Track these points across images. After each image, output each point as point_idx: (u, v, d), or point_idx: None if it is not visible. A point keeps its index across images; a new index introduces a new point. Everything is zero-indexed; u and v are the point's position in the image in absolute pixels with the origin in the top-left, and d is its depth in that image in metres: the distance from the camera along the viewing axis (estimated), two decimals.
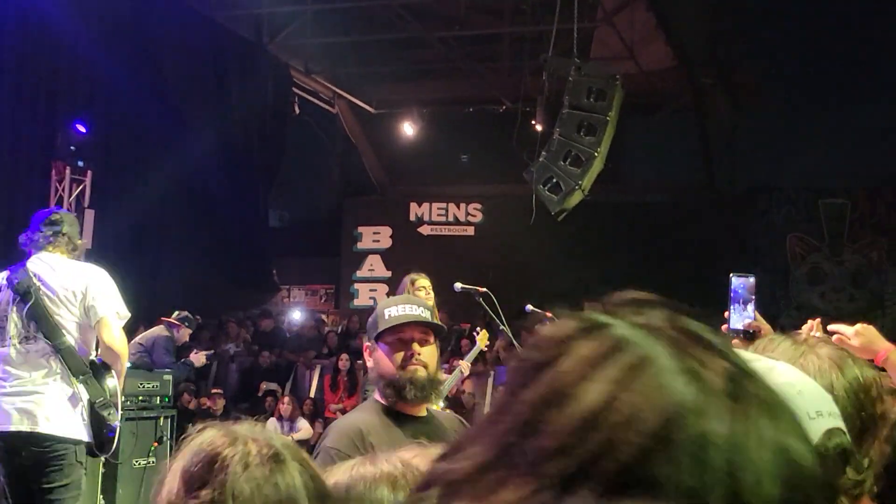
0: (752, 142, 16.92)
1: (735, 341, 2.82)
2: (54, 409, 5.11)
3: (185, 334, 10.96)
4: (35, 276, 5.25)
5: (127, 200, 12.77)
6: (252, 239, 15.76)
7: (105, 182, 12.45)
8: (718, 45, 15.56)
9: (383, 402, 3.33)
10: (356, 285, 18.67)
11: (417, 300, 3.52)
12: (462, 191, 18.06)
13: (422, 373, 3.27)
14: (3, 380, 5.13)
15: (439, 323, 3.46)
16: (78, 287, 5.33)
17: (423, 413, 3.37)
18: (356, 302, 18.43)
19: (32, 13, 11.40)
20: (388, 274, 17.42)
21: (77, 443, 5.21)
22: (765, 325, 2.93)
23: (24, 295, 5.14)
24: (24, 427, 5.08)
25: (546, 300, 7.47)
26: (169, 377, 9.53)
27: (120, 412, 5.38)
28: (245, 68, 14.91)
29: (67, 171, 11.78)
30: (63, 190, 11.84)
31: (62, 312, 5.24)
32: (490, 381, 12.78)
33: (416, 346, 3.30)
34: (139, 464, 8.87)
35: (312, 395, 13.96)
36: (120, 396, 5.42)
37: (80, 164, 11.79)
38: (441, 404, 5.34)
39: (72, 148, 11.66)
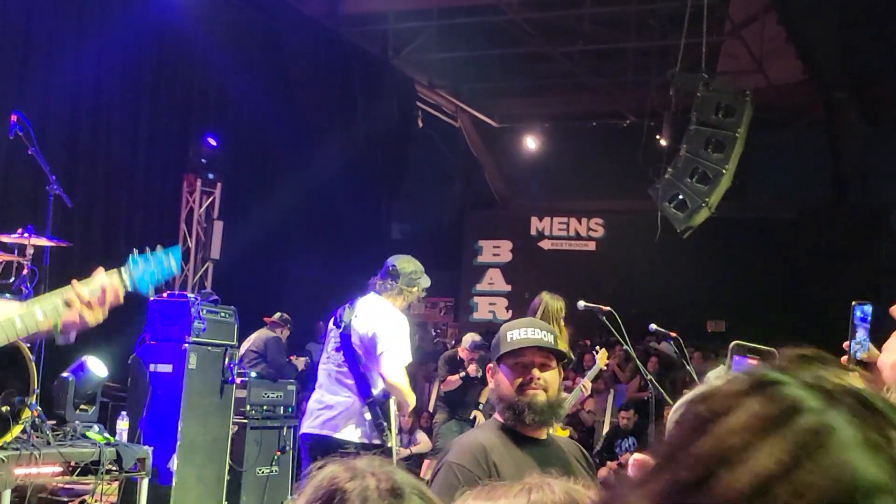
0: (884, 157, 16.34)
1: (857, 373, 2.71)
2: (347, 420, 5.71)
3: (285, 334, 11.10)
4: (356, 316, 5.98)
5: (254, 212, 13.05)
6: (374, 250, 15.92)
7: (234, 194, 12.77)
8: (851, 58, 15.10)
9: (504, 422, 3.33)
10: (475, 298, 18.70)
11: (541, 324, 3.47)
12: (584, 206, 17.92)
13: (541, 397, 3.26)
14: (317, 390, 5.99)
15: (562, 349, 3.45)
16: (373, 328, 5.87)
17: (544, 436, 3.35)
18: (475, 315, 18.46)
19: (169, 32, 11.77)
20: (508, 288, 17.41)
21: (362, 447, 5.67)
22: (875, 354, 2.80)
23: (344, 328, 5.91)
24: (325, 431, 5.73)
25: (669, 318, 7.36)
26: (293, 387, 9.67)
27: (392, 433, 5.84)
28: (371, 83, 15.10)
29: (198, 183, 12.12)
30: (194, 201, 12.18)
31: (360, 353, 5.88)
32: (610, 399, 12.64)
33: (535, 371, 3.28)
34: (262, 472, 9.03)
35: (431, 408, 14.00)
36: (393, 424, 5.89)
37: (211, 176, 12.12)
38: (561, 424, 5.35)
39: (203, 161, 11.99)
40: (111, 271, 3.50)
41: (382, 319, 5.93)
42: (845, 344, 2.78)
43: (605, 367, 8.70)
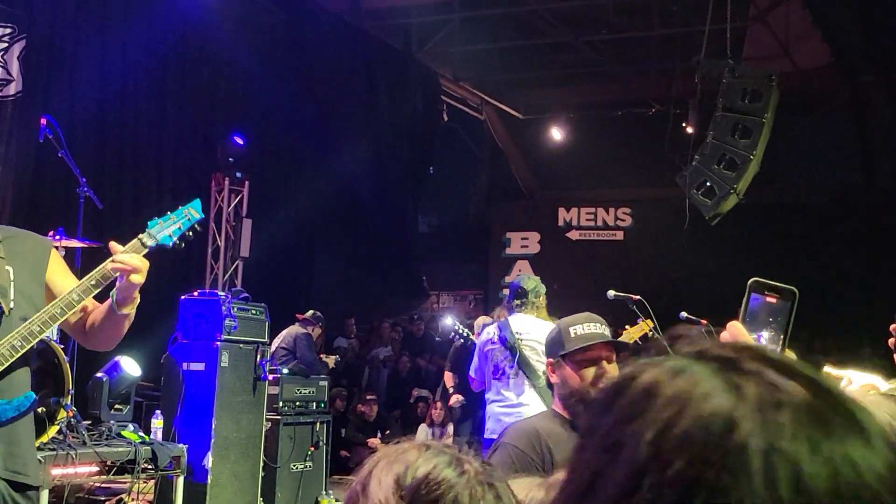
0: None
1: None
2: None
3: (316, 331, 11.10)
4: (517, 333, 6.69)
5: (282, 209, 13.11)
6: (402, 245, 15.97)
7: (261, 192, 12.82)
8: (877, 40, 14.93)
9: (565, 415, 3.41)
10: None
11: (598, 318, 3.54)
12: (611, 195, 17.85)
13: None
14: (498, 402, 6.70)
15: (625, 341, 3.55)
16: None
17: None
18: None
19: (193, 32, 11.83)
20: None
21: None
22: None
23: (511, 349, 6.62)
24: None
25: (699, 306, 7.32)
26: (325, 383, 9.72)
27: None
28: (395, 77, 15.12)
29: (226, 181, 12.18)
30: (222, 200, 12.24)
31: (539, 359, 6.34)
32: None
33: (605, 365, 3.38)
34: (296, 467, 9.08)
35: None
36: None
37: (238, 175, 12.17)
38: None
39: (230, 160, 12.04)
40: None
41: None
42: (892, 326, 2.75)
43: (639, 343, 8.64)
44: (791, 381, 0.74)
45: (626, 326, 7.69)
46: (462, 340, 8.40)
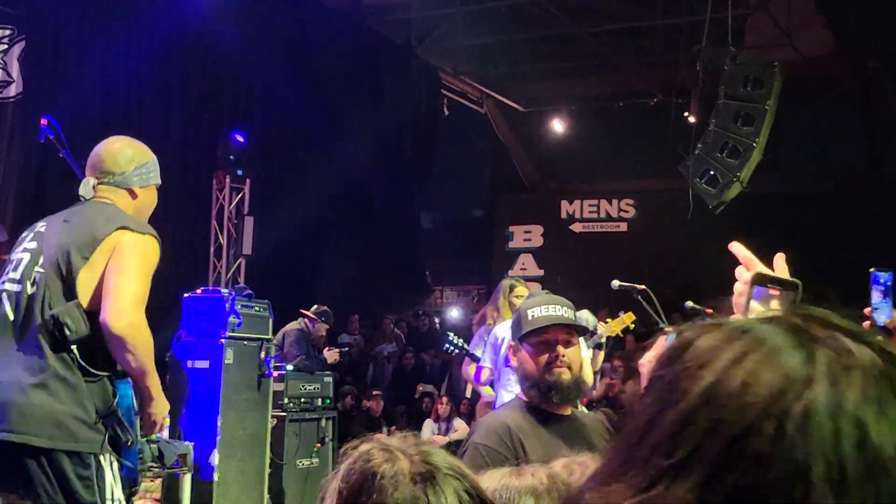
0: None
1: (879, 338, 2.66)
2: None
3: (321, 329, 10.92)
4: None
5: (284, 206, 13.08)
6: (405, 241, 15.95)
7: (263, 189, 12.80)
8: (883, 26, 14.86)
9: (527, 400, 3.33)
10: None
11: (561, 300, 3.43)
12: (614, 187, 17.80)
13: (566, 375, 3.26)
14: (508, 388, 6.35)
15: (582, 324, 3.47)
16: None
17: (568, 412, 3.36)
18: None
19: (194, 29, 11.80)
20: (541, 273, 17.32)
21: None
22: None
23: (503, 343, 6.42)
24: None
25: (704, 296, 7.28)
26: (329, 379, 9.70)
27: None
28: (396, 72, 15.09)
29: (227, 179, 12.15)
30: (224, 198, 12.22)
31: None
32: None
33: (560, 349, 3.27)
34: (303, 464, 9.06)
35: (468, 395, 14.00)
36: None
37: (240, 172, 12.15)
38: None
39: (231, 157, 12.02)
40: None
41: None
42: (866, 310, 2.75)
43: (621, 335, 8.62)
44: (861, 346, 0.74)
45: (608, 319, 7.69)
46: (457, 351, 8.42)
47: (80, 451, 3.47)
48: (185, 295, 8.47)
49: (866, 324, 2.74)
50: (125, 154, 3.97)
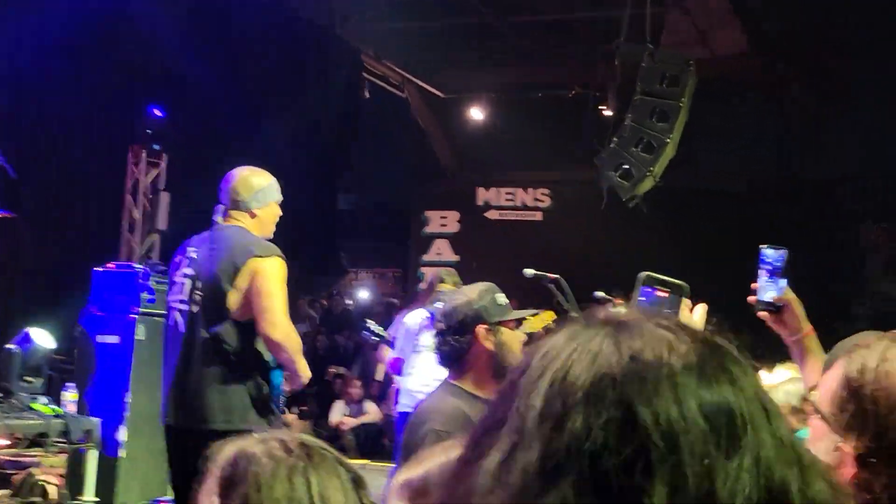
0: (832, 130, 16.55)
1: (763, 314, 2.82)
2: None
3: None
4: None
5: (201, 184, 12.92)
6: (321, 222, 15.92)
7: (181, 165, 12.66)
8: (797, 30, 15.27)
9: (471, 389, 3.45)
10: (423, 269, 18.74)
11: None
12: (530, 176, 17.97)
13: None
14: (414, 377, 7.03)
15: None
16: None
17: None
18: (423, 286, 18.49)
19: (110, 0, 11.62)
20: (457, 258, 17.44)
21: None
22: (793, 298, 2.89)
23: None
24: None
25: (614, 286, 7.44)
26: None
27: None
28: (317, 54, 15.02)
29: (143, 154, 11.99)
30: (139, 173, 12.06)
31: None
32: None
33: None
34: None
35: (380, 378, 14.06)
36: None
37: (157, 147, 12.00)
38: None
39: (148, 131, 11.86)
40: None
41: None
42: (753, 285, 2.89)
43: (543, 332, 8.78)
44: (673, 337, 0.83)
45: (528, 317, 7.80)
46: (377, 339, 8.49)
47: (250, 429, 4.23)
48: (96, 269, 8.37)
49: (751, 299, 2.87)
50: (247, 183, 5.04)
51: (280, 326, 4.61)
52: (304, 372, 4.80)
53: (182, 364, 4.74)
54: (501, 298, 3.54)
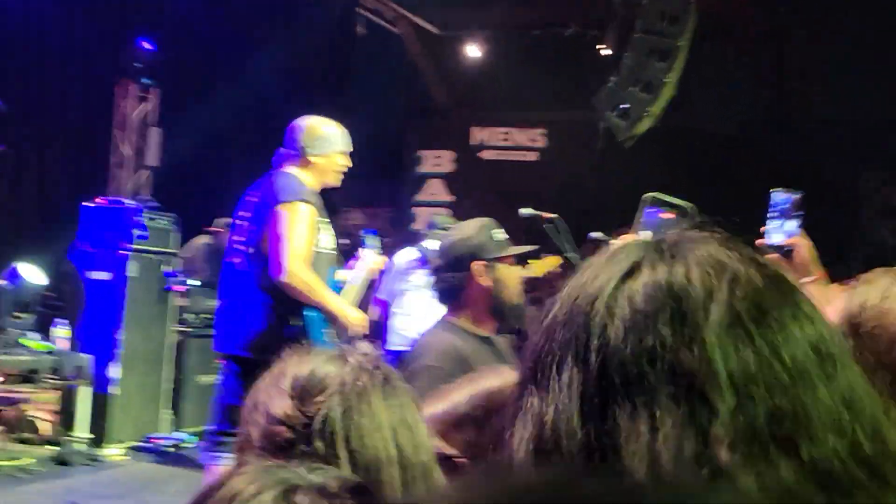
0: (829, 72, 16.40)
1: (774, 256, 2.76)
2: None
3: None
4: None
5: (193, 119, 12.78)
6: None
7: (171, 100, 12.49)
8: None
9: (461, 324, 3.39)
10: (416, 209, 18.64)
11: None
12: (526, 116, 17.80)
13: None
14: (402, 314, 7.15)
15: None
16: None
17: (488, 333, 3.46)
18: (415, 226, 18.41)
19: None
20: (451, 198, 17.36)
21: None
22: (803, 243, 2.84)
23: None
24: None
25: (610, 226, 7.38)
26: None
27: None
28: None
29: (134, 89, 11.82)
30: (128, 107, 11.89)
31: None
32: None
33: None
34: (205, 380, 9.00)
35: (374, 317, 14.00)
36: None
37: (146, 81, 11.82)
38: None
39: (137, 65, 11.67)
40: None
41: None
42: (762, 228, 2.83)
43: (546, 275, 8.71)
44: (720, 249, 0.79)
45: (527, 254, 7.74)
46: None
47: (266, 359, 4.79)
48: (85, 204, 8.27)
49: (759, 242, 2.82)
50: (307, 131, 5.26)
51: (285, 269, 4.69)
52: (342, 313, 4.87)
53: (226, 298, 5.07)
54: (499, 234, 3.47)
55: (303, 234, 4.82)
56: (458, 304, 3.45)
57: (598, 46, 13.68)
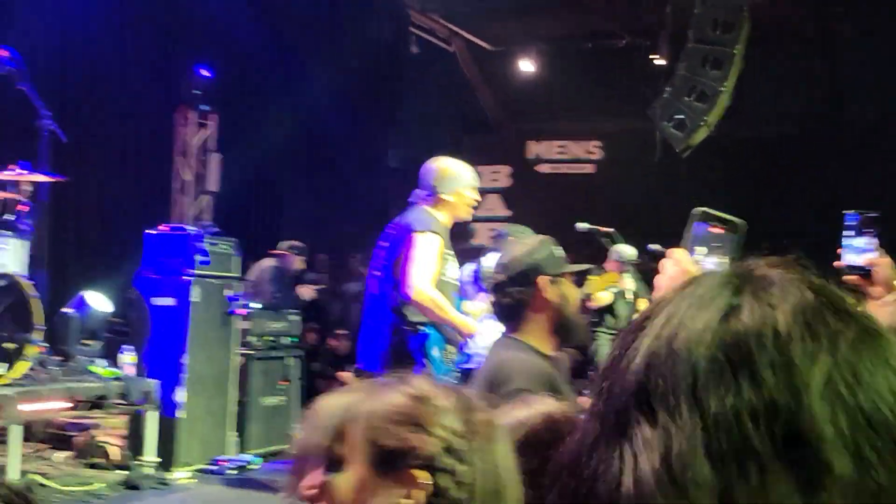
0: (881, 70, 16.13)
1: (853, 278, 2.72)
2: None
3: (295, 262, 10.81)
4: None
5: (250, 143, 12.95)
6: (371, 179, 15.87)
7: (229, 125, 12.66)
8: None
9: (527, 341, 3.31)
10: (475, 225, 18.67)
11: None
12: (581, 128, 17.76)
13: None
14: None
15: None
16: None
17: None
18: (474, 241, 18.43)
19: None
20: (509, 213, 17.34)
21: None
22: (885, 261, 2.76)
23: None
24: None
25: (668, 238, 7.34)
26: (297, 317, 9.70)
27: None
28: (362, 7, 14.88)
29: (193, 115, 12.01)
30: (188, 134, 12.09)
31: None
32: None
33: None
34: (268, 402, 9.09)
35: None
36: None
37: (205, 108, 12.00)
38: None
39: (196, 92, 11.86)
40: None
41: None
42: (839, 250, 2.79)
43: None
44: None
45: (589, 276, 7.72)
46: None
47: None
48: (148, 232, 8.40)
49: (837, 263, 2.78)
50: (435, 172, 5.68)
51: (413, 289, 5.21)
52: (466, 327, 5.32)
53: (365, 320, 5.59)
54: (559, 251, 3.40)
55: (431, 259, 5.33)
56: (521, 320, 3.36)
57: (650, 57, 13.60)
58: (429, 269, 5.33)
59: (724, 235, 1.69)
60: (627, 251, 7.06)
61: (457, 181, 5.70)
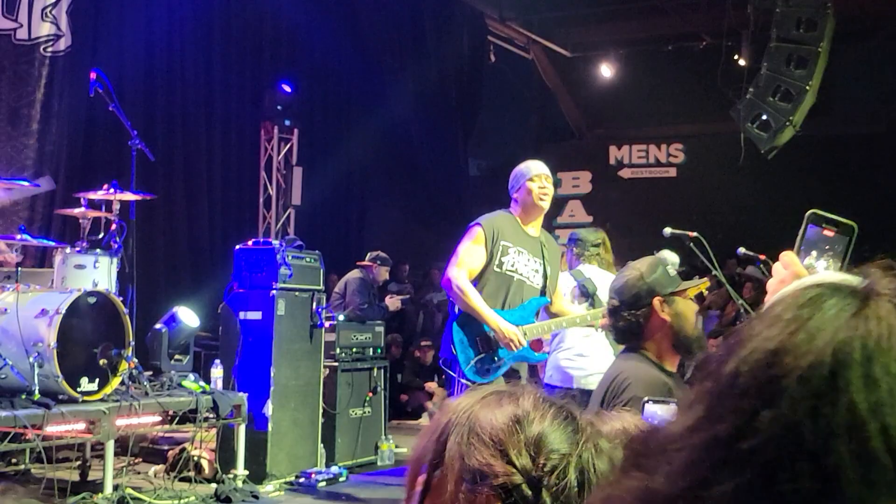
0: None
1: None
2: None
3: (381, 272, 10.88)
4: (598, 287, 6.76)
5: (332, 156, 13.09)
6: (453, 189, 15.90)
7: (311, 139, 12.81)
8: None
9: (652, 356, 3.42)
10: (557, 231, 18.59)
11: None
12: (663, 132, 17.58)
13: None
14: (560, 350, 6.69)
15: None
16: None
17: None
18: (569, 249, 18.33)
19: None
20: (590, 219, 17.23)
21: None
22: None
23: (592, 297, 6.65)
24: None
25: (756, 241, 7.20)
26: (381, 329, 9.74)
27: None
28: (440, 19, 14.94)
29: (276, 130, 12.18)
30: (272, 149, 12.26)
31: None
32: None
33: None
34: (355, 413, 9.14)
35: None
36: None
37: (287, 122, 12.16)
38: None
39: (279, 108, 12.03)
40: None
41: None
42: None
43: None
44: None
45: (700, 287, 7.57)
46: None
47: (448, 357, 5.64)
48: (237, 247, 8.53)
49: None
50: (511, 177, 5.85)
51: (446, 274, 5.54)
52: (496, 325, 5.40)
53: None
54: (672, 269, 3.51)
55: (466, 249, 5.58)
56: (640, 341, 3.49)
57: (733, 57, 13.39)
58: (463, 259, 5.55)
59: (836, 238, 1.66)
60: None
61: (521, 176, 5.84)
